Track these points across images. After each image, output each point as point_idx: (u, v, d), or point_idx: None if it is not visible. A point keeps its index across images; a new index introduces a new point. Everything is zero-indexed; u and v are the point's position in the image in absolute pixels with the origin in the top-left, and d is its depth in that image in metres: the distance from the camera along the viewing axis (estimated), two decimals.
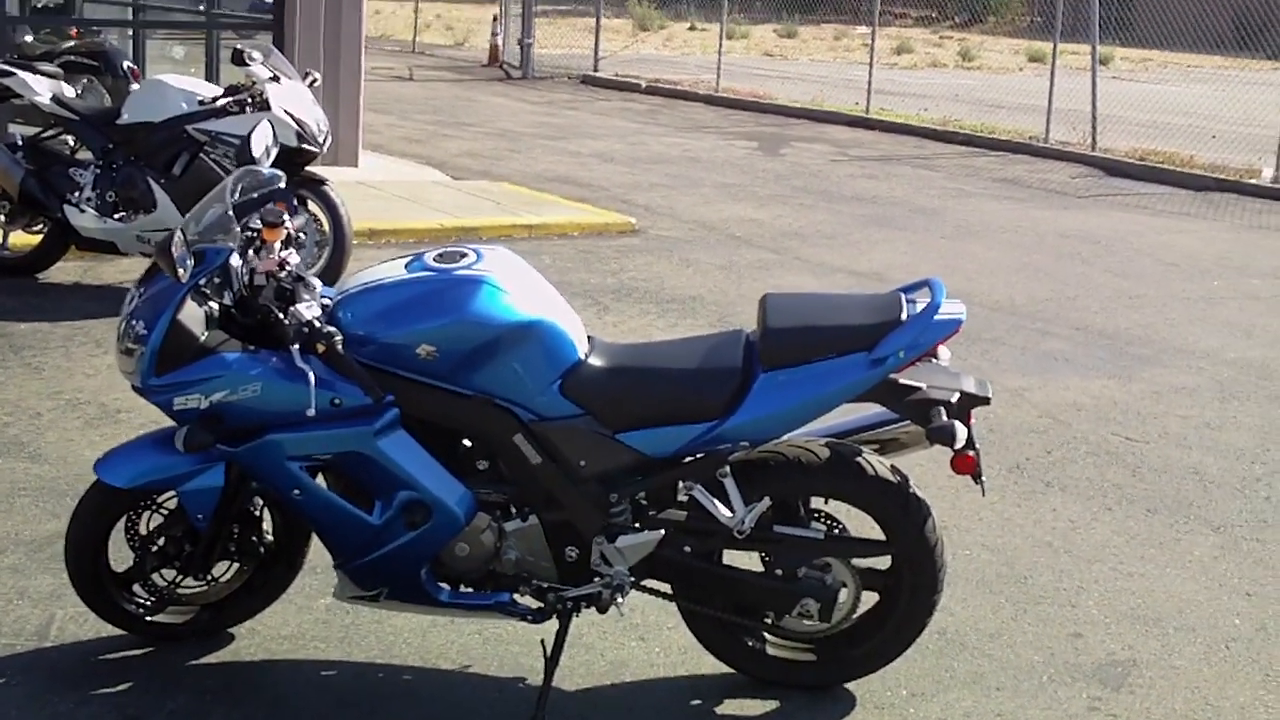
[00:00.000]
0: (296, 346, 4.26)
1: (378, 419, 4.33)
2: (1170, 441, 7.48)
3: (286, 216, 4.50)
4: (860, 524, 4.71)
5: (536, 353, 4.36)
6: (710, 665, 4.82)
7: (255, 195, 4.52)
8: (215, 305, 4.46)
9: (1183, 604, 5.58)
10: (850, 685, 4.78)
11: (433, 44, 32.84)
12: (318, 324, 4.26)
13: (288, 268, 4.47)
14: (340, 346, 4.24)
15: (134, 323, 4.40)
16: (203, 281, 4.39)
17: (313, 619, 5.03)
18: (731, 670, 4.80)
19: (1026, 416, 7.76)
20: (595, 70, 26.36)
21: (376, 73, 23.71)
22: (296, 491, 4.42)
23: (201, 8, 15.98)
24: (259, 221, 4.47)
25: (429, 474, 4.39)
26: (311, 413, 4.26)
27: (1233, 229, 14.36)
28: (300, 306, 4.30)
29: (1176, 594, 5.67)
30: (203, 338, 4.37)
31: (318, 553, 4.80)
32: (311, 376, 4.24)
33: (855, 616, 4.73)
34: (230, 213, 4.42)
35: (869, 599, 4.74)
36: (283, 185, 4.63)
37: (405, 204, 12.22)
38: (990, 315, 9.91)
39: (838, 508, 4.69)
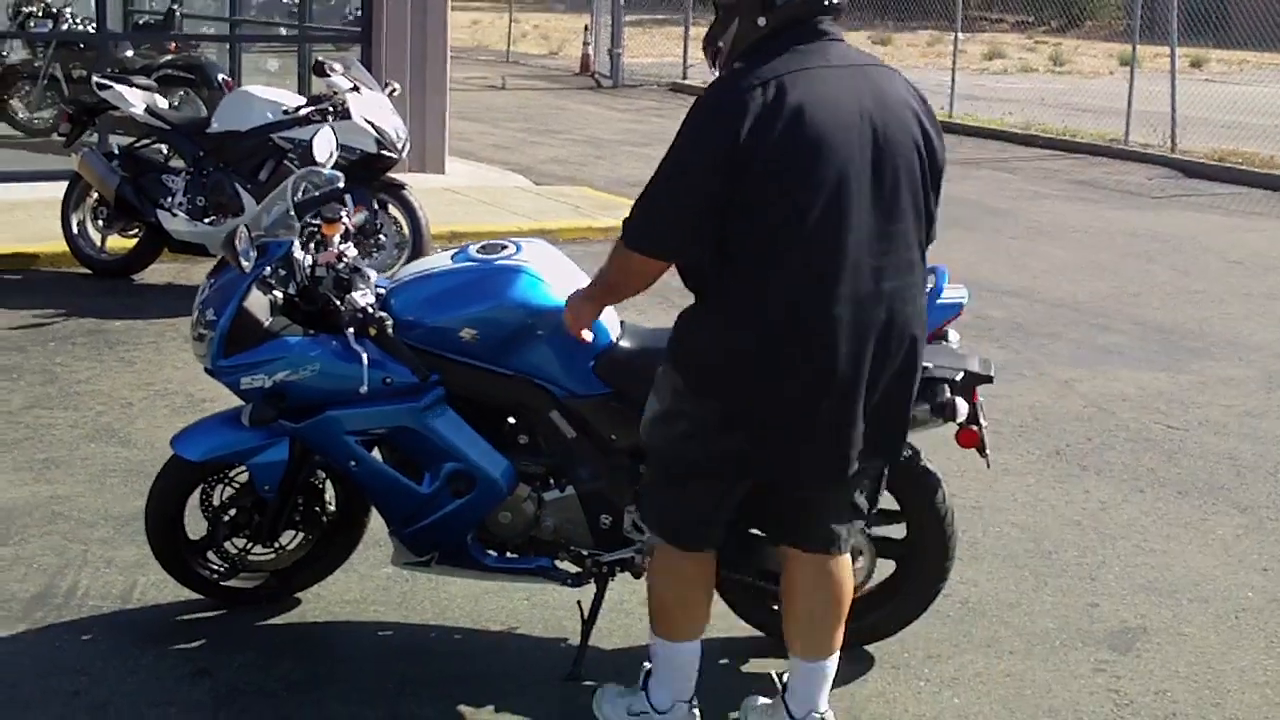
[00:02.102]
0: (351, 330, 4.68)
1: (425, 397, 4.73)
2: (1210, 429, 7.73)
3: (344, 213, 4.93)
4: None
5: (570, 335, 4.74)
6: (740, 629, 5.16)
7: (317, 194, 4.96)
8: (279, 294, 4.89)
9: (1200, 578, 5.86)
10: (870, 648, 5.10)
11: (527, 53, 33.37)
12: (371, 310, 4.68)
13: (345, 259, 4.88)
14: (390, 330, 4.66)
15: (205, 311, 4.84)
16: (268, 272, 4.83)
17: (374, 586, 5.44)
18: (758, 634, 5.14)
19: (1073, 406, 8.04)
20: (684, 78, 26.72)
21: (470, 82, 24.25)
22: (353, 463, 4.83)
23: (295, 22, 16.51)
24: (319, 218, 4.90)
25: (473, 447, 4.78)
26: (364, 390, 4.67)
27: None
28: (355, 294, 4.73)
29: (1195, 568, 5.94)
30: (267, 323, 4.80)
31: (380, 527, 5.21)
32: (365, 358, 4.66)
33: (873, 583, 5.06)
34: (291, 211, 4.85)
35: (885, 567, 5.07)
36: (341, 185, 5.06)
37: (486, 208, 12.65)
38: (1051, 311, 10.18)
39: None
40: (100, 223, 9.98)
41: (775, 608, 5.09)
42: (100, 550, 5.65)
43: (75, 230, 10.03)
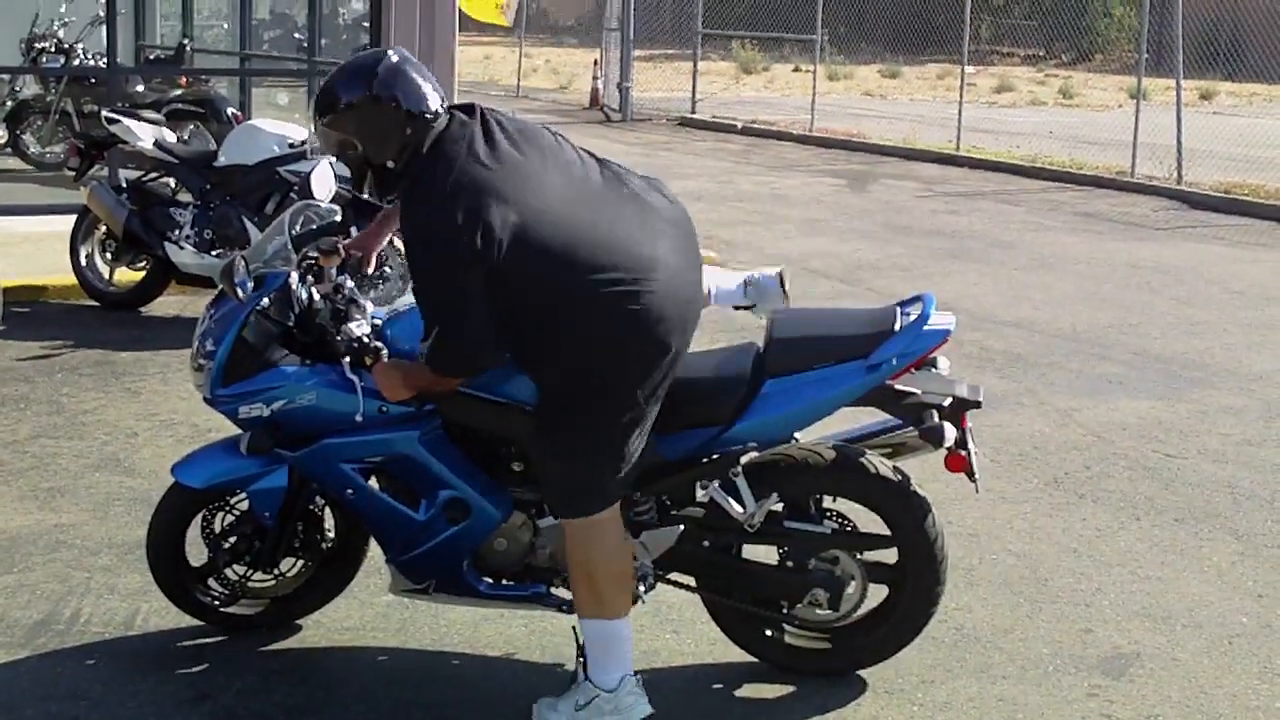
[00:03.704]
0: (347, 360, 4.74)
1: (421, 425, 4.80)
2: (1208, 457, 7.78)
3: (340, 245, 5.01)
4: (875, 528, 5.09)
5: None
6: (736, 655, 5.21)
7: (315, 227, 5.05)
8: (277, 325, 4.95)
9: (1193, 604, 5.90)
10: (864, 673, 5.15)
11: (538, 88, 33.51)
12: (366, 340, 4.74)
13: (343, 291, 4.96)
14: (385, 360, 4.71)
15: (204, 341, 4.93)
16: (266, 303, 4.89)
17: (373, 613, 5.49)
18: (753, 660, 5.19)
19: (1072, 435, 8.08)
20: (693, 112, 26.86)
21: None
22: (350, 491, 4.89)
23: (304, 56, 16.64)
24: (317, 250, 4.98)
25: (468, 475, 4.85)
26: (359, 419, 4.74)
27: None
28: (351, 325, 4.79)
29: (1189, 595, 5.98)
30: (265, 354, 4.87)
31: (379, 555, 5.25)
32: (360, 387, 4.72)
33: (864, 610, 5.11)
34: (289, 245, 4.93)
35: (878, 593, 5.12)
36: (339, 219, 5.15)
37: None
38: (1051, 341, 10.23)
39: (855, 511, 5.08)
40: (108, 255, 10.10)
41: (770, 633, 5.16)
42: (103, 578, 5.71)
43: (84, 263, 10.14)
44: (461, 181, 4.26)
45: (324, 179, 5.28)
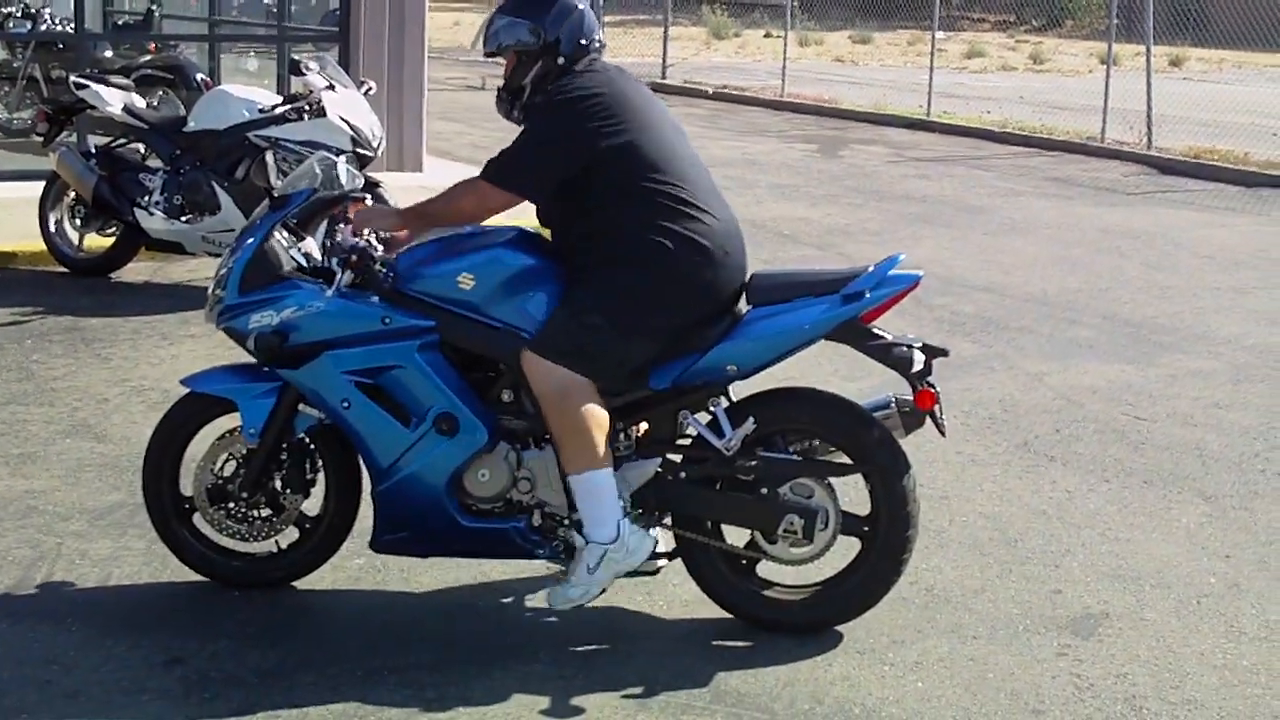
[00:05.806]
0: (335, 260, 5.12)
1: (419, 338, 5.03)
2: (1177, 420, 7.82)
3: (369, 199, 5.39)
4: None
5: (558, 292, 5.03)
6: (708, 615, 5.25)
7: (335, 192, 5.31)
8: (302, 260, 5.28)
9: (1162, 565, 5.94)
10: (835, 631, 5.19)
11: None
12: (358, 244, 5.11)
13: (362, 235, 5.23)
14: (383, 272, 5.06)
15: (226, 262, 5.22)
16: (294, 253, 5.24)
17: (345, 576, 5.50)
18: (726, 622, 5.22)
19: (1042, 398, 8.12)
20: (663, 77, 26.78)
21: (449, 82, 24.29)
22: (345, 403, 5.09)
23: (273, 22, 16.55)
24: (347, 199, 5.32)
25: (459, 390, 5.06)
26: (330, 292, 5.07)
27: (1276, 223, 14.56)
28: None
29: (1158, 556, 6.02)
30: (282, 269, 5.17)
31: (358, 521, 5.32)
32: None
33: (838, 566, 5.21)
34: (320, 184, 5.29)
35: (851, 548, 5.20)
36: (361, 183, 5.49)
37: None
38: (1021, 305, 10.27)
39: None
40: (78, 221, 10.05)
41: (748, 587, 5.22)
42: (75, 543, 5.70)
43: (53, 229, 10.10)
44: (610, 77, 5.13)
45: (346, 174, 5.52)
